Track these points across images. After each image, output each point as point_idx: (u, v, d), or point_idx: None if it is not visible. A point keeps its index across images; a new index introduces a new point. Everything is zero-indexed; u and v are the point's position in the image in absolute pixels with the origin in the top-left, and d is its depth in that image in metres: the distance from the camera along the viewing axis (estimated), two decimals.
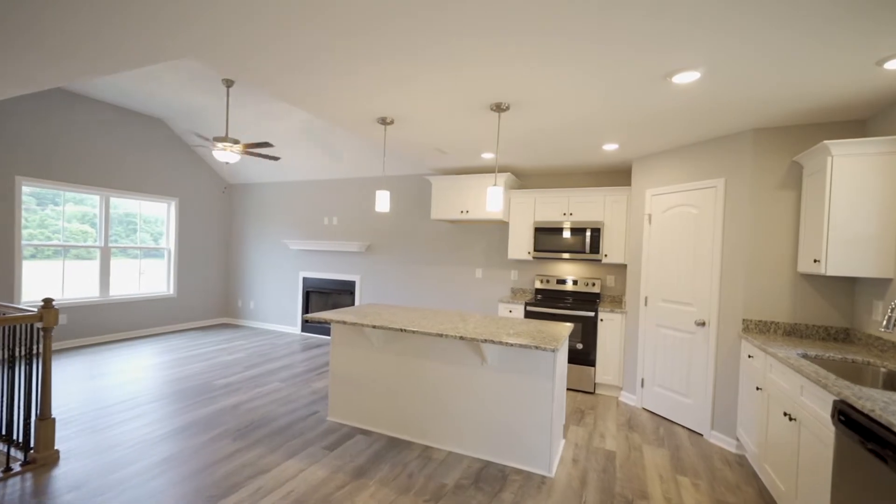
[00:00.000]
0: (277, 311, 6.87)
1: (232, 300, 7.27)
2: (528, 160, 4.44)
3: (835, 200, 2.56)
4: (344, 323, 2.89)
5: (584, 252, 4.52)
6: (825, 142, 2.54)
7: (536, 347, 2.35)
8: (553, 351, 2.31)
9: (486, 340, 2.47)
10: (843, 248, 2.53)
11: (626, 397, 4.12)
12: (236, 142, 4.10)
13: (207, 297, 6.97)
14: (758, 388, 2.64)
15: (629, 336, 4.13)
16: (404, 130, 3.47)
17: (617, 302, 4.76)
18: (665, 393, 3.72)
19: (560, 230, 4.63)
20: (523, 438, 2.71)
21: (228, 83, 4.17)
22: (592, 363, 4.31)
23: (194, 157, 6.57)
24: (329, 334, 6.44)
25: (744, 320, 3.10)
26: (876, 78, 2.26)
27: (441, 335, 2.59)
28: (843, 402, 1.68)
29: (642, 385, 3.94)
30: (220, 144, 4.08)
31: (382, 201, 3.21)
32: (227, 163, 4.36)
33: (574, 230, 4.56)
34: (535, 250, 4.73)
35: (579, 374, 4.36)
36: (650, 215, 3.94)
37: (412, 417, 3.05)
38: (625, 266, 4.69)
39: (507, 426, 2.75)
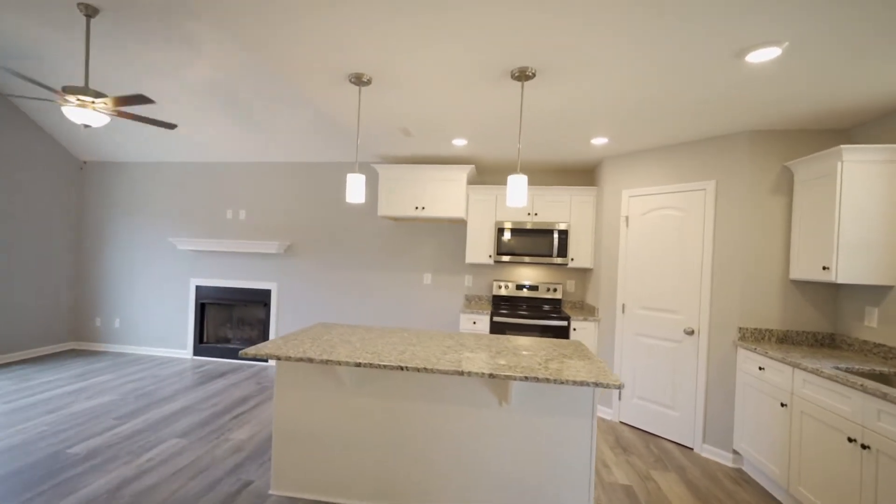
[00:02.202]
0: (158, 331, 5.29)
1: (85, 318, 5.42)
2: (499, 150, 3.93)
3: (844, 207, 2.52)
4: (310, 361, 2.00)
5: (551, 255, 4.17)
6: (841, 146, 2.48)
7: (596, 384, 1.81)
8: (618, 387, 1.80)
9: (545, 379, 1.85)
10: (850, 256, 2.50)
11: (601, 411, 3.86)
12: (100, 95, 2.82)
13: (47, 314, 5.06)
14: (783, 405, 2.48)
15: (603, 346, 3.88)
16: (380, 94, 2.65)
17: (578, 308, 4.53)
18: (647, 406, 3.52)
19: (525, 231, 4.21)
20: (555, 496, 2.15)
21: (89, 11, 2.83)
22: None
23: (25, 121, 4.68)
24: (237, 357, 5.14)
25: (740, 328, 3.00)
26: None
27: (462, 372, 1.89)
28: None
29: (619, 398, 3.71)
30: (73, 98, 2.76)
31: (355, 189, 2.37)
32: (85, 127, 2.98)
33: (541, 232, 4.19)
34: (497, 253, 4.24)
35: None
36: (627, 217, 3.72)
37: (401, 480, 2.28)
38: (587, 270, 4.47)
39: (534, 482, 2.17)
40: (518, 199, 2.18)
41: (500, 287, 4.55)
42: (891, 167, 2.47)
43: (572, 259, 4.21)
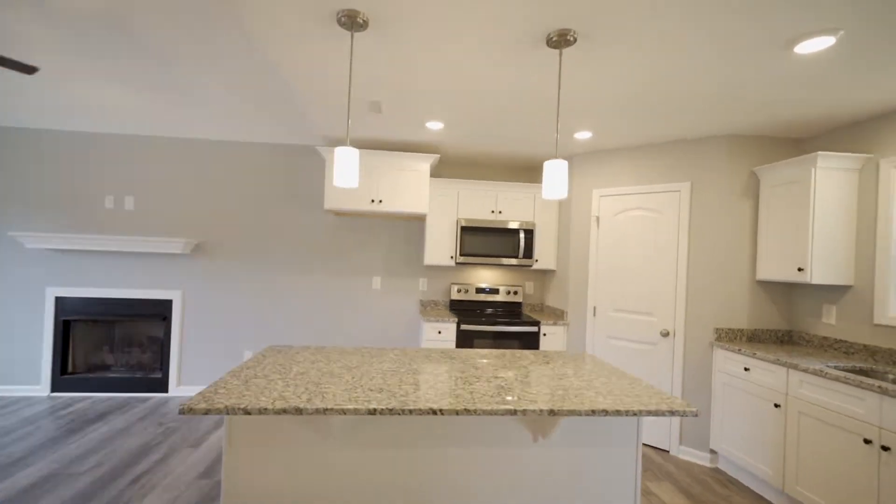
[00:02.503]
0: None
1: None
2: (469, 139, 3.53)
3: (818, 212, 2.65)
4: (299, 413, 1.38)
5: (517, 256, 3.92)
6: (818, 153, 2.59)
7: (672, 412, 1.53)
8: (695, 415, 1.54)
9: (615, 412, 1.49)
10: (823, 257, 2.64)
11: None
12: None
13: None
14: (776, 406, 2.51)
15: (572, 350, 3.73)
16: (368, 50, 2.06)
17: (539, 311, 4.36)
18: None
19: (490, 231, 3.89)
20: None
21: None
22: None
23: None
24: (122, 388, 3.95)
25: (716, 329, 3.04)
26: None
27: (516, 412, 1.46)
28: None
29: None
30: None
31: (345, 168, 1.76)
32: None
33: (506, 231, 3.90)
34: (461, 254, 3.85)
35: None
36: (598, 218, 3.62)
37: None
38: (547, 272, 4.32)
39: None
40: (559, 189, 1.80)
41: (459, 291, 4.17)
42: (856, 175, 2.66)
43: (536, 260, 4.01)
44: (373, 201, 3.60)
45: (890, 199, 2.52)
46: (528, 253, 3.93)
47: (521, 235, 3.92)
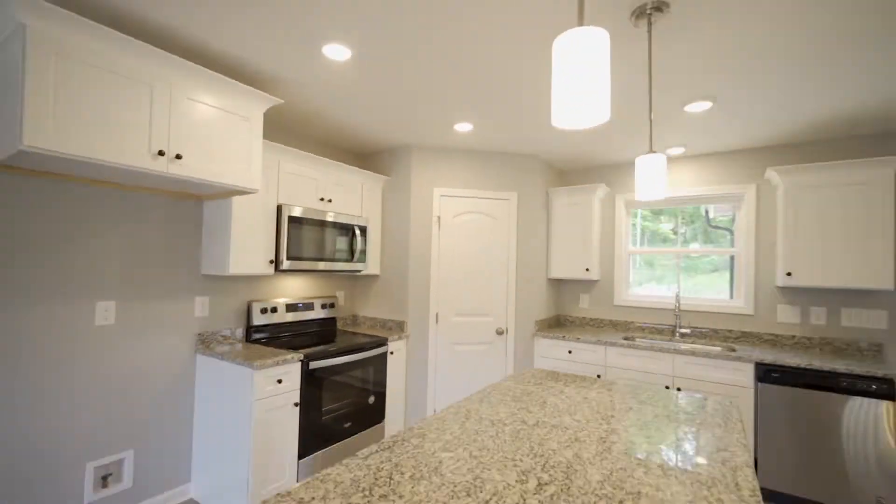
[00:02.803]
0: None
1: None
2: (327, 90, 2.46)
3: (595, 226, 3.67)
4: None
5: (351, 260, 3.11)
6: (598, 184, 3.60)
7: None
8: None
9: None
10: (595, 260, 3.68)
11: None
12: None
13: None
14: (598, 376, 3.25)
15: (415, 364, 3.35)
16: None
17: (353, 324, 3.61)
18: None
19: (323, 225, 2.89)
20: None
21: None
22: (382, 416, 3.07)
23: None
24: None
25: (536, 322, 3.58)
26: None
27: None
28: (763, 363, 2.71)
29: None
30: None
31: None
32: None
33: (340, 227, 3.01)
34: (288, 257, 2.63)
35: (369, 439, 2.95)
36: (440, 218, 3.43)
37: None
38: (362, 278, 3.63)
39: None
40: (656, 189, 1.58)
41: (264, 311, 2.80)
42: (600, 202, 3.85)
43: (366, 265, 3.30)
44: (160, 154, 1.81)
45: (617, 220, 3.82)
46: (363, 256, 3.18)
47: (357, 232, 3.12)
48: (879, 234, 2.63)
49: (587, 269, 3.63)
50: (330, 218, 2.92)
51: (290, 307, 2.98)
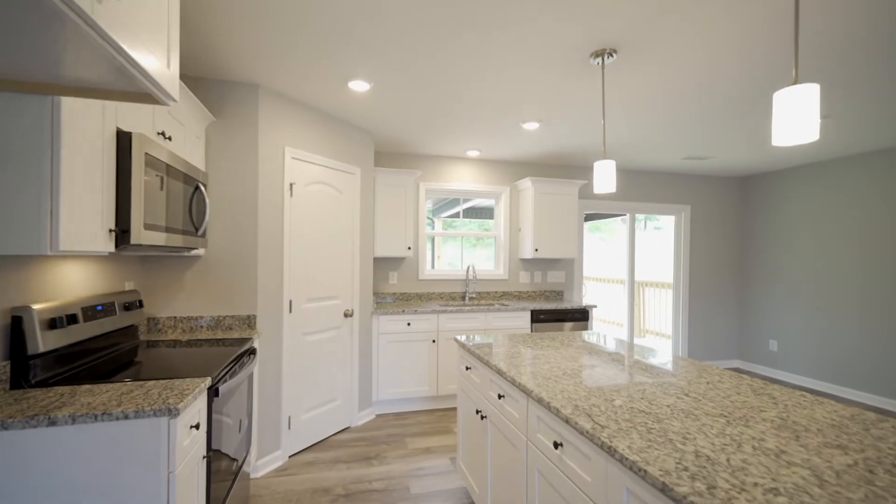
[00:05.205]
0: None
1: None
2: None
3: (409, 210, 4.04)
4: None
5: (196, 234, 2.13)
6: (417, 171, 3.98)
7: None
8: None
9: None
10: (411, 239, 4.08)
11: (266, 462, 2.60)
12: None
13: None
14: (433, 341, 3.65)
15: (267, 364, 2.63)
16: None
17: (150, 328, 2.36)
18: (315, 418, 2.98)
19: (173, 177, 1.87)
20: None
21: None
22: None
23: None
24: None
25: (374, 300, 3.56)
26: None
27: None
28: (535, 310, 3.94)
29: (289, 426, 2.77)
30: None
31: None
32: None
33: (186, 183, 2.02)
34: (146, 226, 1.59)
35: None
36: (293, 185, 2.81)
37: None
38: (172, 261, 2.40)
39: None
40: (609, 185, 2.17)
41: (55, 324, 1.50)
42: (416, 185, 4.27)
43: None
44: None
45: (420, 203, 4.35)
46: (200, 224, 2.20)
47: (204, 194, 2.13)
48: (574, 225, 4.42)
49: (409, 248, 3.94)
50: (181, 167, 1.88)
51: (88, 311, 1.70)
